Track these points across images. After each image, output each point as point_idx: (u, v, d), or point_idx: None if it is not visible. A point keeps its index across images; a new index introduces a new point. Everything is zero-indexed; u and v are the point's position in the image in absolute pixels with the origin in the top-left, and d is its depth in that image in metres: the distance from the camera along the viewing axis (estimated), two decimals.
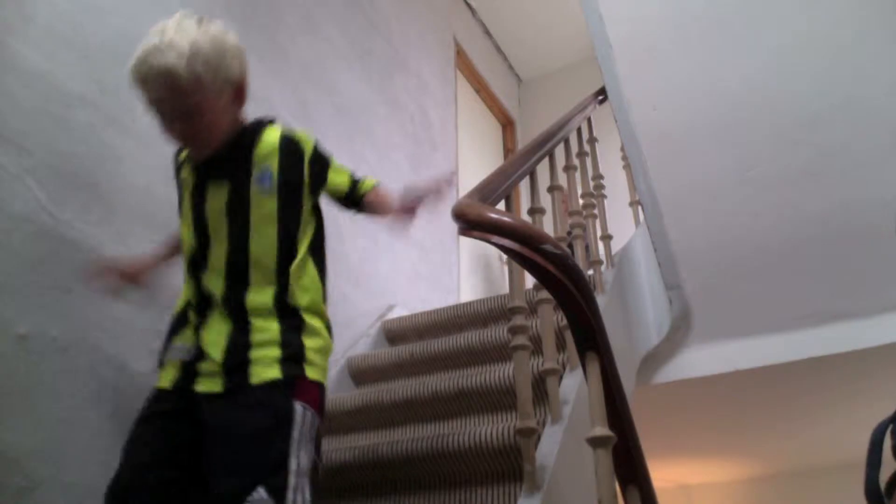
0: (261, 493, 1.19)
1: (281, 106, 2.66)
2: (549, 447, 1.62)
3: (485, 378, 2.03)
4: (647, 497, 1.46)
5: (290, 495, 1.22)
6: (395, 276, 3.22)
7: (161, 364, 1.45)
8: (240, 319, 1.38)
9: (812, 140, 2.40)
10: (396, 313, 3.03)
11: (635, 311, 2.65)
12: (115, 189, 1.84)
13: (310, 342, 1.40)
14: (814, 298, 2.51)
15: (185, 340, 1.43)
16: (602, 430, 1.23)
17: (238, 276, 1.41)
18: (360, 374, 2.60)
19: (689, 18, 2.52)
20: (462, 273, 4.03)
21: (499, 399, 2.03)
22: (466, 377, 2.07)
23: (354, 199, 1.62)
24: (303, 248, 1.48)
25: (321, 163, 1.56)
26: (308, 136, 1.55)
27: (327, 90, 3.00)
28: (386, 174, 3.33)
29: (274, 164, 1.46)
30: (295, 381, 1.34)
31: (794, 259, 2.49)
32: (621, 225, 3.10)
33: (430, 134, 3.92)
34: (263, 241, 1.43)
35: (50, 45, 1.79)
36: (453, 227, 1.33)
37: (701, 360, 2.67)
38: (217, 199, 1.46)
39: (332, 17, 3.17)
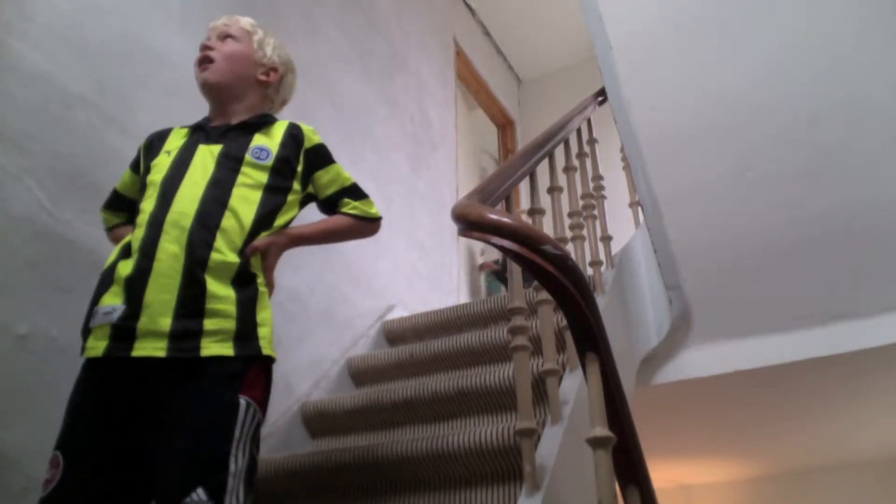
0: (200, 494, 1.14)
1: None
2: (549, 448, 1.62)
3: (485, 379, 2.03)
4: (647, 497, 1.46)
5: (227, 499, 1.17)
6: (395, 276, 3.22)
7: (86, 331, 1.31)
8: (194, 280, 1.28)
9: (812, 140, 2.40)
10: (396, 314, 3.03)
11: (635, 312, 2.65)
12: None
13: (262, 315, 1.36)
14: (814, 299, 2.51)
15: (111, 301, 1.29)
16: (602, 430, 1.23)
17: (202, 235, 1.33)
18: (360, 374, 2.60)
19: (689, 19, 2.52)
20: (462, 274, 4.03)
21: (499, 399, 2.03)
22: (466, 378, 2.07)
23: (355, 204, 1.61)
24: (277, 224, 1.47)
25: (321, 156, 1.59)
26: (315, 132, 1.62)
27: (327, 90, 3.00)
28: (386, 174, 3.33)
29: (275, 145, 1.51)
30: (247, 368, 1.28)
31: (794, 259, 2.49)
32: (621, 226, 3.10)
33: (429, 134, 3.92)
34: (242, 206, 1.40)
35: (50, 45, 1.79)
36: (453, 227, 1.33)
37: (701, 360, 2.67)
38: (205, 158, 1.44)
39: (332, 17, 3.17)
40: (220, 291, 1.30)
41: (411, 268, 3.38)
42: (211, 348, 1.26)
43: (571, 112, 2.59)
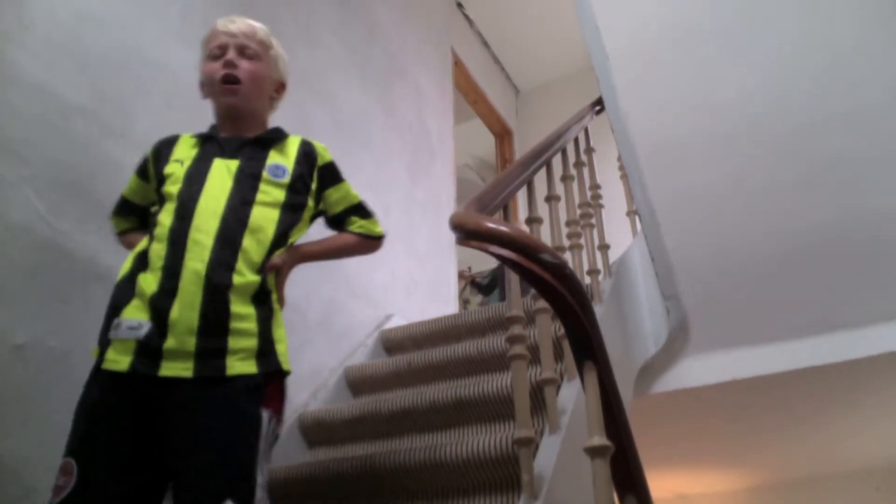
0: None
1: (279, 115, 2.66)
2: (546, 457, 1.61)
3: (482, 388, 2.03)
4: None
5: None
6: (393, 285, 3.22)
7: (104, 342, 1.30)
8: (217, 299, 1.30)
9: (810, 150, 2.41)
10: (394, 323, 3.03)
11: (633, 321, 2.65)
12: (114, 199, 1.85)
13: (278, 332, 1.40)
14: (811, 308, 2.52)
15: (136, 315, 1.30)
16: (600, 439, 1.23)
17: (224, 255, 1.34)
18: (358, 383, 2.60)
19: (686, 29, 2.53)
20: (460, 283, 4.03)
21: (496, 409, 2.03)
22: (464, 387, 2.07)
23: (362, 223, 1.66)
24: (291, 241, 1.51)
25: (332, 173, 1.63)
26: (326, 149, 1.66)
27: (326, 100, 3.01)
28: (384, 183, 3.34)
29: (290, 163, 1.54)
30: (266, 382, 1.32)
31: (791, 269, 2.50)
32: (619, 235, 3.10)
33: (428, 143, 3.93)
34: (262, 224, 1.42)
35: (48, 55, 1.79)
36: (451, 236, 1.33)
37: (698, 369, 2.67)
38: (222, 173, 1.44)
39: (331, 26, 3.19)
40: (242, 310, 1.33)
41: (409, 277, 3.38)
42: (236, 367, 1.28)
43: (569, 122, 2.60)
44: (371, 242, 1.68)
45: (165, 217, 1.39)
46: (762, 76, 2.44)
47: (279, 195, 1.47)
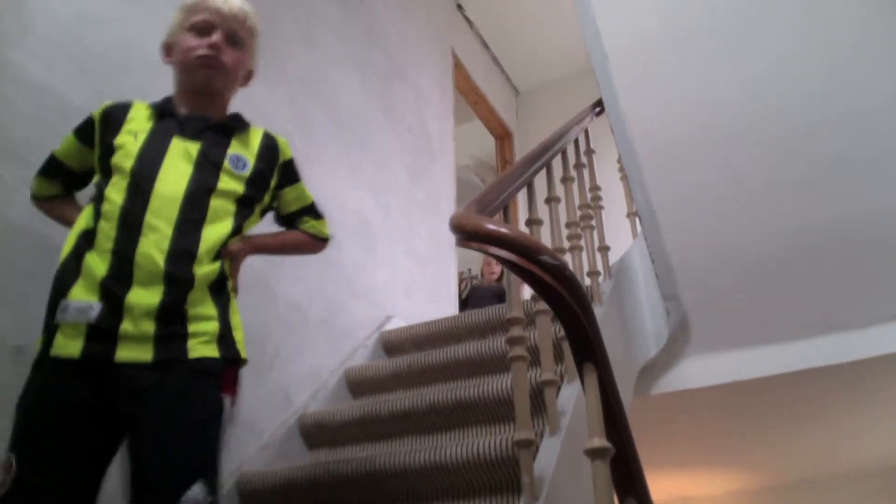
0: (199, 489, 1.14)
1: (279, 116, 2.67)
2: (547, 459, 1.61)
3: (483, 389, 2.03)
4: None
5: (218, 493, 1.19)
6: (394, 286, 3.22)
7: (51, 327, 1.24)
8: (178, 290, 1.27)
9: (810, 151, 2.41)
10: (394, 324, 3.03)
11: (633, 322, 2.65)
12: None
13: (235, 319, 1.38)
14: (811, 309, 2.51)
15: (84, 296, 1.23)
16: (600, 441, 1.23)
17: (184, 244, 1.30)
18: (358, 385, 2.60)
19: (686, 31, 2.53)
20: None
21: (497, 410, 2.03)
22: (464, 388, 2.07)
23: (313, 223, 1.65)
24: (244, 232, 1.47)
25: (292, 172, 1.61)
26: (287, 144, 1.61)
27: (326, 101, 3.01)
28: (384, 184, 3.34)
29: (252, 156, 1.49)
30: (226, 368, 1.30)
31: (791, 270, 2.49)
32: (619, 236, 3.10)
33: (428, 145, 3.93)
34: (221, 215, 1.38)
35: (49, 55, 1.79)
36: (451, 237, 1.33)
37: (699, 370, 2.67)
38: (181, 156, 1.38)
39: (331, 28, 3.18)
40: (201, 297, 1.31)
41: (409, 278, 3.38)
42: (198, 350, 1.26)
43: (569, 123, 2.60)
44: (319, 244, 1.69)
45: (115, 194, 1.31)
46: (762, 76, 2.43)
47: (238, 188, 1.42)
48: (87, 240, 1.29)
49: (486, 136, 5.61)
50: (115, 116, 1.44)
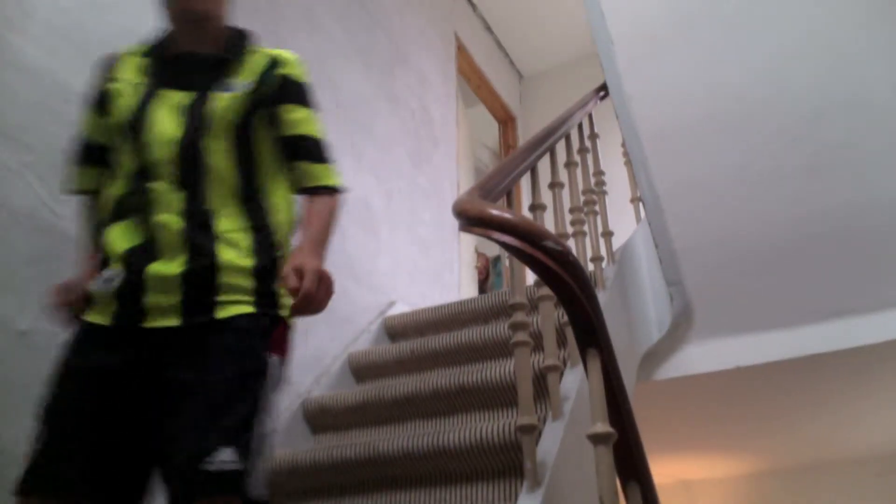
0: (229, 454, 1.05)
1: None
2: (549, 444, 1.62)
3: (486, 375, 2.03)
4: (647, 493, 1.46)
5: (255, 461, 1.09)
6: (397, 271, 3.22)
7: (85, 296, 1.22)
8: (200, 243, 1.19)
9: (814, 137, 2.39)
10: (397, 309, 3.03)
11: (636, 308, 2.65)
12: None
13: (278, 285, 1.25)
14: (815, 295, 2.51)
15: (113, 265, 1.20)
16: (603, 426, 1.23)
17: (194, 196, 1.21)
18: (362, 370, 2.60)
19: (691, 14, 2.51)
20: (463, 269, 4.03)
21: (499, 396, 2.03)
22: (467, 374, 2.07)
23: (312, 170, 1.35)
24: (267, 168, 1.31)
25: (297, 92, 1.37)
26: (298, 64, 1.40)
27: (328, 86, 3.00)
28: (387, 170, 3.33)
29: (250, 77, 1.32)
30: (271, 325, 1.21)
31: (795, 255, 2.49)
32: (622, 221, 3.09)
33: (431, 130, 3.92)
34: (222, 163, 1.25)
35: (50, 40, 1.78)
36: (454, 223, 1.32)
37: (702, 356, 2.67)
38: (170, 105, 1.26)
39: (333, 12, 3.16)
40: (230, 246, 1.21)
41: (412, 263, 3.38)
42: (228, 309, 1.17)
43: (573, 107, 2.59)
44: (331, 197, 1.37)
45: (123, 157, 1.26)
46: (768, 62, 2.42)
47: (232, 118, 1.26)
48: (116, 209, 1.25)
49: (490, 120, 5.59)
50: (104, 75, 1.35)
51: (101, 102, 1.34)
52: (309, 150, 1.36)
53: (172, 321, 1.16)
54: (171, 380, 1.14)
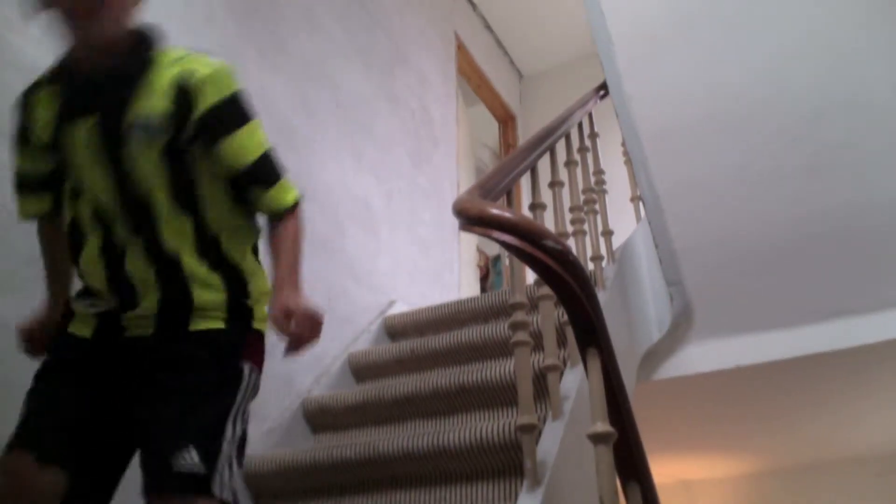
0: (193, 455, 1.08)
1: (281, 101, 2.66)
2: (549, 443, 1.62)
3: (485, 374, 2.03)
4: (647, 493, 1.46)
5: (220, 464, 1.11)
6: (397, 271, 3.22)
7: (69, 309, 1.29)
8: (162, 259, 1.21)
9: (814, 137, 2.39)
10: (397, 309, 3.03)
11: (636, 308, 2.65)
12: None
13: (258, 284, 1.30)
14: (815, 294, 2.51)
15: (92, 282, 1.26)
16: (603, 426, 1.23)
17: (154, 241, 1.22)
18: (361, 370, 2.60)
19: (691, 14, 2.51)
20: (463, 269, 4.03)
21: (499, 395, 2.03)
22: (467, 373, 2.07)
23: (266, 197, 1.28)
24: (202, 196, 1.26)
25: (221, 119, 1.24)
26: (216, 77, 1.24)
27: (328, 86, 3.00)
28: (387, 169, 3.33)
29: (161, 105, 1.20)
30: (242, 336, 1.25)
31: (795, 255, 2.49)
32: (622, 220, 3.09)
33: (431, 129, 3.91)
34: (157, 183, 1.22)
35: (50, 41, 1.78)
36: (454, 222, 1.32)
37: (702, 356, 2.67)
38: (85, 135, 1.21)
39: (333, 12, 3.16)
40: (194, 262, 1.24)
41: (412, 263, 3.38)
42: (201, 324, 1.22)
43: (573, 106, 2.58)
44: (291, 220, 1.31)
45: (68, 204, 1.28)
46: (768, 61, 2.41)
47: (156, 150, 1.20)
48: (77, 237, 1.28)
49: (490, 119, 5.58)
50: (24, 113, 1.30)
51: (25, 138, 1.29)
52: (256, 176, 1.27)
53: (149, 331, 1.23)
54: (148, 375, 1.18)
